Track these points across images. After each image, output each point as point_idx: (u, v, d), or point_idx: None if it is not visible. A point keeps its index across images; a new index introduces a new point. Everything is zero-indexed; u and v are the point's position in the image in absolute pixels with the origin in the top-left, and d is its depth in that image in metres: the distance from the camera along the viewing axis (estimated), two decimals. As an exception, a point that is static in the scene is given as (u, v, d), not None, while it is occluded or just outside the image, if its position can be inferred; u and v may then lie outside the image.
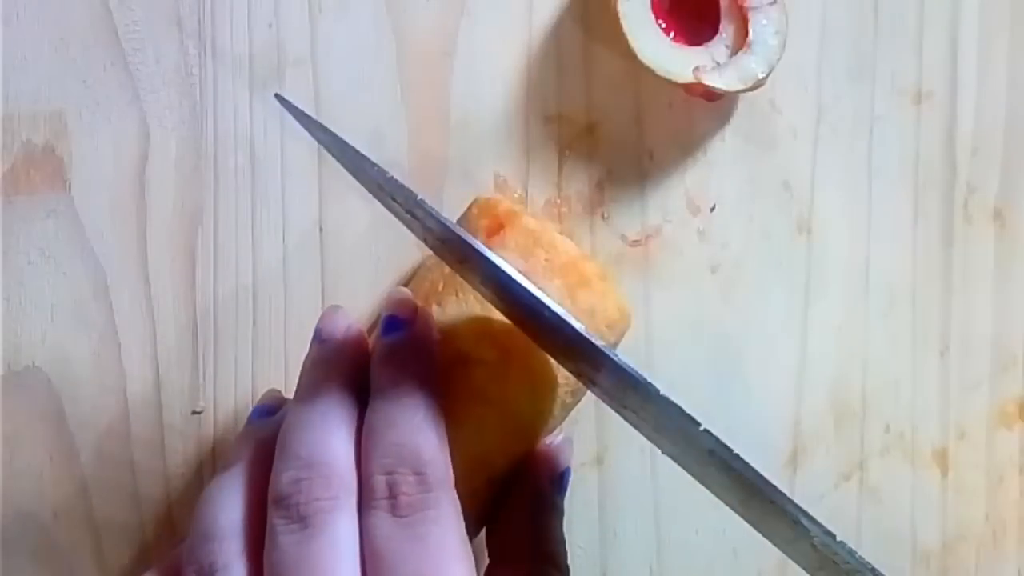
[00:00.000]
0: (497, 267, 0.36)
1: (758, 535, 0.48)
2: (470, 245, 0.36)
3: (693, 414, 0.36)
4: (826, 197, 0.48)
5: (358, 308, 0.47)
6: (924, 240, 0.49)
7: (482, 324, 0.40)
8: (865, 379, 0.49)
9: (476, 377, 0.40)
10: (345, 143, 0.38)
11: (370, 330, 0.42)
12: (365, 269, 0.47)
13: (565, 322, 0.36)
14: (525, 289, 0.36)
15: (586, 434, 0.48)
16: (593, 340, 0.36)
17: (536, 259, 0.41)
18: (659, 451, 0.48)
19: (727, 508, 0.46)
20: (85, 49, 0.47)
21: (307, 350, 0.40)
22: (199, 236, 0.47)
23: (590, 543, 0.48)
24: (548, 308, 0.36)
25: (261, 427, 0.40)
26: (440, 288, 0.42)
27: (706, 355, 0.48)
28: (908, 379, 0.49)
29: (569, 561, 0.43)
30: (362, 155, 0.37)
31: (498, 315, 0.40)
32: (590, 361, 0.37)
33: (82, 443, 0.47)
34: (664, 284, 0.48)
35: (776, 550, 0.48)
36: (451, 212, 0.47)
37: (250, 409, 0.43)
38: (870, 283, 0.49)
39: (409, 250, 0.47)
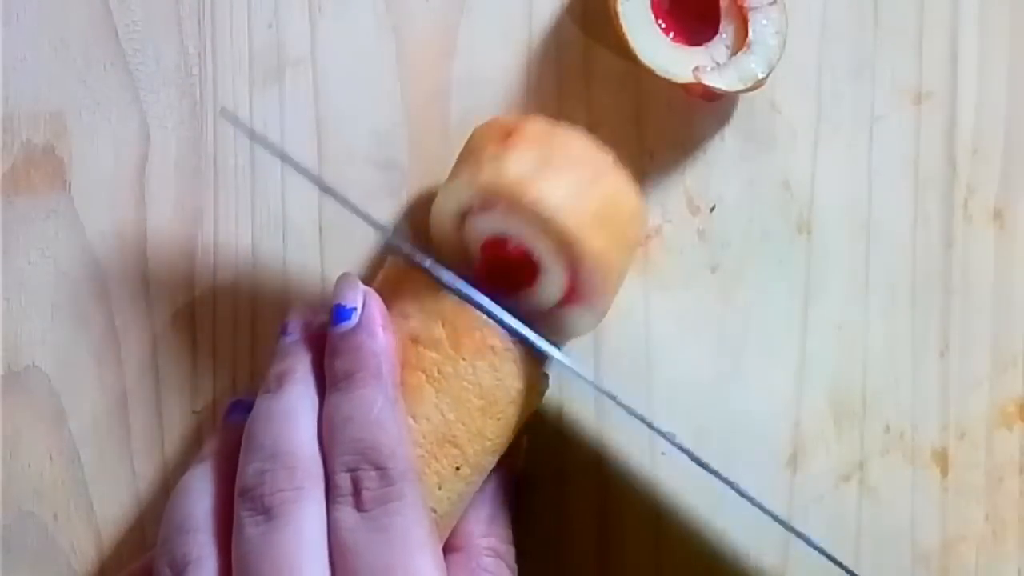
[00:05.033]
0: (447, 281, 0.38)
1: (758, 535, 0.48)
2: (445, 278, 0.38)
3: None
4: (826, 197, 0.48)
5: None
6: (924, 240, 0.49)
7: (431, 303, 0.40)
8: (865, 379, 0.49)
9: (428, 356, 0.40)
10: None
11: None
12: (364, 270, 0.47)
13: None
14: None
15: (586, 434, 0.48)
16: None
17: (550, 151, 0.41)
18: (659, 451, 0.48)
19: (727, 508, 0.46)
20: (85, 49, 0.47)
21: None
22: (199, 236, 0.47)
23: (590, 543, 0.48)
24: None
25: (235, 421, 0.41)
26: (394, 271, 0.42)
27: (706, 355, 0.48)
28: (908, 379, 0.49)
29: (565, 561, 0.43)
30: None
31: (447, 293, 0.40)
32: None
33: (82, 443, 0.47)
34: (664, 284, 0.48)
35: (775, 553, 0.48)
36: (451, 212, 0.47)
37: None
38: (870, 283, 0.49)
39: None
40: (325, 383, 0.39)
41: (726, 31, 0.45)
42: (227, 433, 0.40)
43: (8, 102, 0.47)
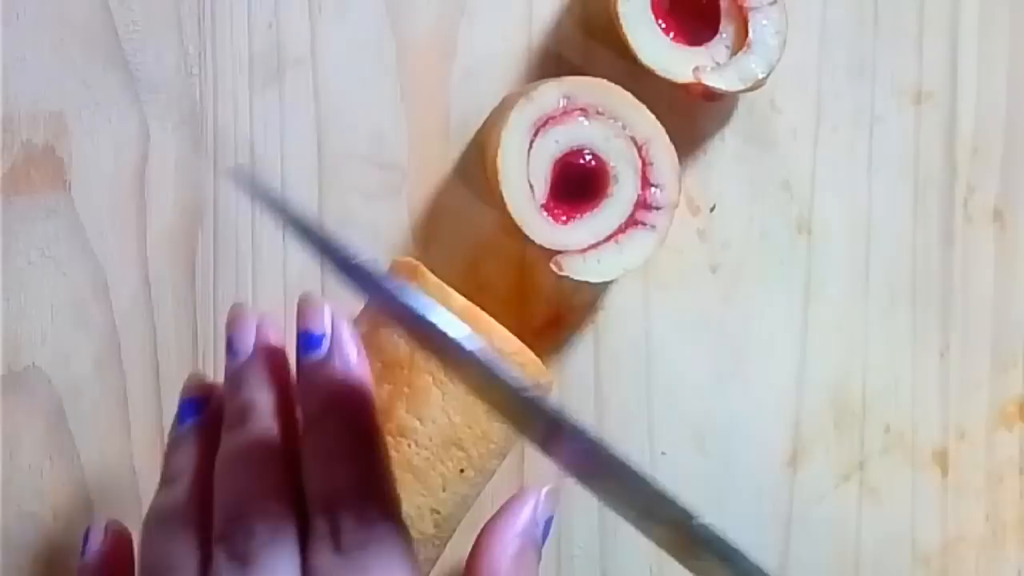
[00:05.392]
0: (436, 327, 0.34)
1: (758, 535, 0.48)
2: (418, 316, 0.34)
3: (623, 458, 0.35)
4: (826, 197, 0.48)
5: (358, 308, 0.46)
6: (924, 240, 0.49)
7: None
8: (865, 379, 0.49)
9: (435, 359, 0.40)
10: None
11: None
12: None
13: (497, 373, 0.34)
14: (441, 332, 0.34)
15: (586, 434, 0.48)
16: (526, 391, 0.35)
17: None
18: (659, 451, 0.48)
19: (727, 508, 0.46)
20: (85, 49, 0.47)
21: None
22: (199, 236, 0.47)
23: (590, 543, 0.48)
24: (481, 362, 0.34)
25: (192, 434, 0.39)
26: (398, 274, 0.42)
27: (706, 355, 0.48)
28: (908, 379, 0.49)
29: (565, 561, 0.43)
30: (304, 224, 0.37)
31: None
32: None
33: (82, 443, 0.47)
34: (664, 284, 0.48)
35: (775, 553, 0.48)
36: (450, 215, 0.47)
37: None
38: (870, 283, 0.49)
39: (408, 252, 0.47)
40: (290, 406, 0.38)
41: (726, 31, 0.45)
42: (191, 457, 0.38)
43: (8, 102, 0.47)
